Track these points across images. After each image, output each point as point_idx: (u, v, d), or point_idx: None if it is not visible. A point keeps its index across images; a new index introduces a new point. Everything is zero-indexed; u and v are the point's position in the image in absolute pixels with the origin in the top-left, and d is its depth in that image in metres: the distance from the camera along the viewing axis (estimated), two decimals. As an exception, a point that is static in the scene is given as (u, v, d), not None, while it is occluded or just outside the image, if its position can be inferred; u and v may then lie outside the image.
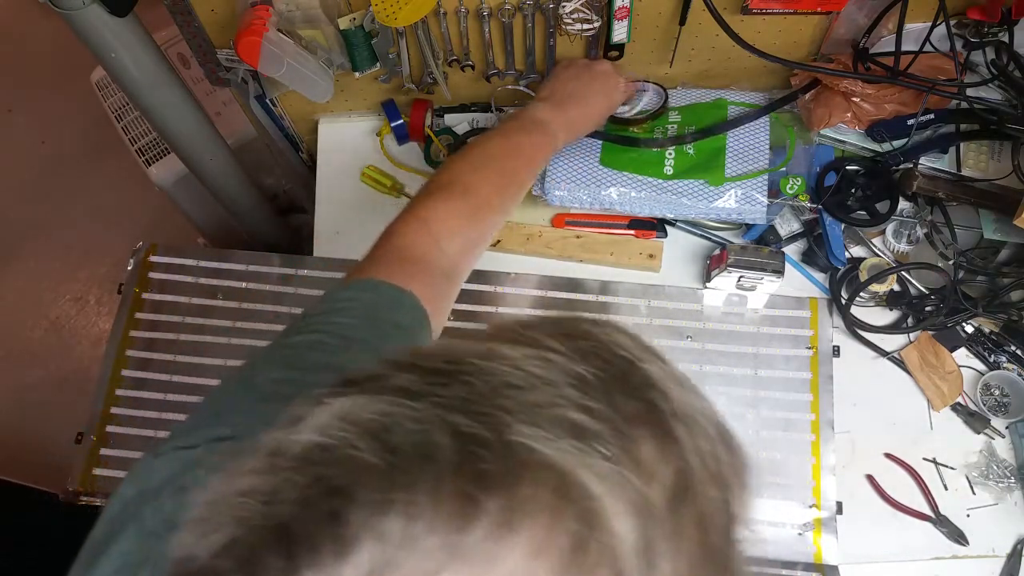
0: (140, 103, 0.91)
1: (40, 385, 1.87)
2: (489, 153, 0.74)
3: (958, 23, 0.88)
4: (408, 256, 0.61)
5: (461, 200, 0.67)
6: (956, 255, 0.91)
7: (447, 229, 0.65)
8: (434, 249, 0.63)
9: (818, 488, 0.86)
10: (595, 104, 0.87)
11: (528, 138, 0.77)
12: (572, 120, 0.83)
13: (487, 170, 0.72)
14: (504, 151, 0.74)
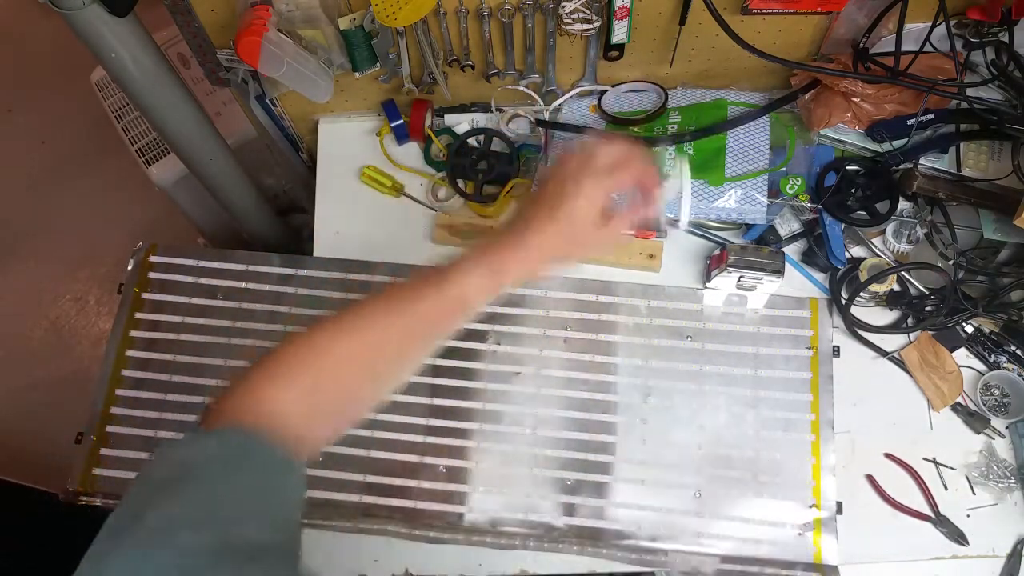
0: (140, 103, 0.91)
1: (40, 385, 1.87)
2: (365, 340, 0.55)
3: (958, 23, 0.88)
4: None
5: (310, 396, 0.51)
6: (956, 255, 0.91)
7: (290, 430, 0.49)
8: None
9: (818, 488, 0.86)
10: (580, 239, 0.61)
11: (428, 321, 0.57)
12: (526, 271, 0.60)
13: (353, 364, 0.54)
14: (386, 338, 0.55)
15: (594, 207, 0.60)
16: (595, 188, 0.60)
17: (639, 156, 0.62)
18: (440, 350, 0.60)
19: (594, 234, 0.61)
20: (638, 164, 0.61)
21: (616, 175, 0.61)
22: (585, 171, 0.60)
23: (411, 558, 0.87)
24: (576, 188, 0.59)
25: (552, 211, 0.59)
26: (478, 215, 1.02)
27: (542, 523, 0.86)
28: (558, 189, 0.60)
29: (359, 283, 0.97)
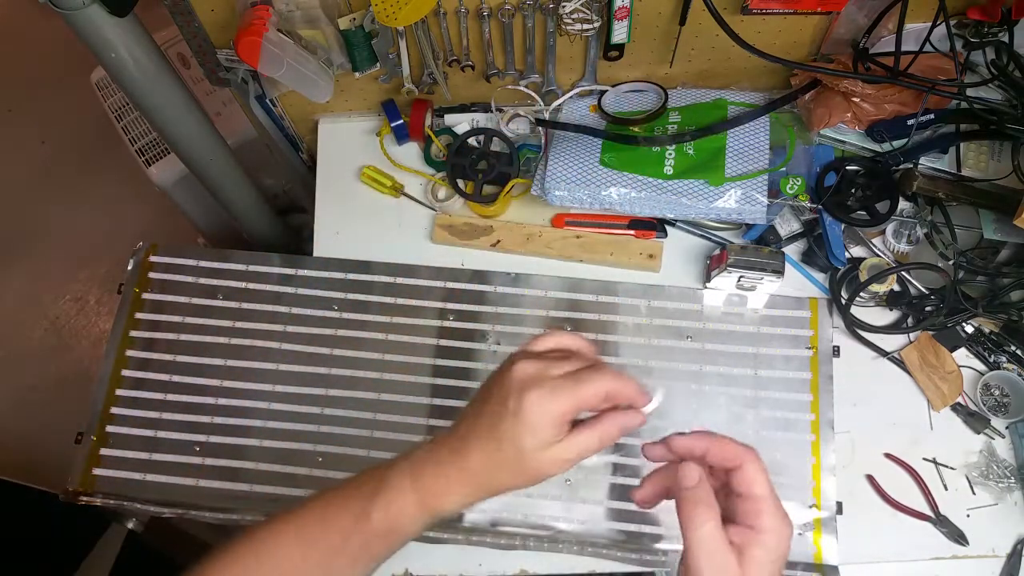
0: (140, 103, 0.91)
1: (40, 385, 1.87)
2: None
3: (958, 23, 0.88)
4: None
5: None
6: (956, 255, 0.91)
7: None
8: None
9: (818, 488, 0.86)
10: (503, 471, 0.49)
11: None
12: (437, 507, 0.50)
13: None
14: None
15: (544, 429, 0.47)
16: (545, 406, 0.47)
17: (604, 368, 0.50)
18: (439, 350, 0.59)
19: (546, 459, 0.48)
20: (607, 375, 0.49)
21: (579, 393, 0.47)
22: (533, 383, 0.48)
23: (411, 557, 0.87)
24: (519, 406, 0.47)
25: (492, 432, 0.48)
26: (478, 215, 1.02)
27: (542, 523, 0.86)
28: (500, 404, 0.48)
29: (359, 283, 0.97)
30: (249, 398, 0.93)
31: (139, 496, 0.90)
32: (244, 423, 0.92)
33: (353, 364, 0.94)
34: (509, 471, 0.48)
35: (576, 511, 0.87)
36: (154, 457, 0.91)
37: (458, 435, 0.50)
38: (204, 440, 0.92)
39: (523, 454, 0.47)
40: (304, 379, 0.94)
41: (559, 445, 0.48)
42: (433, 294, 0.96)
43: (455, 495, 0.49)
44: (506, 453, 0.48)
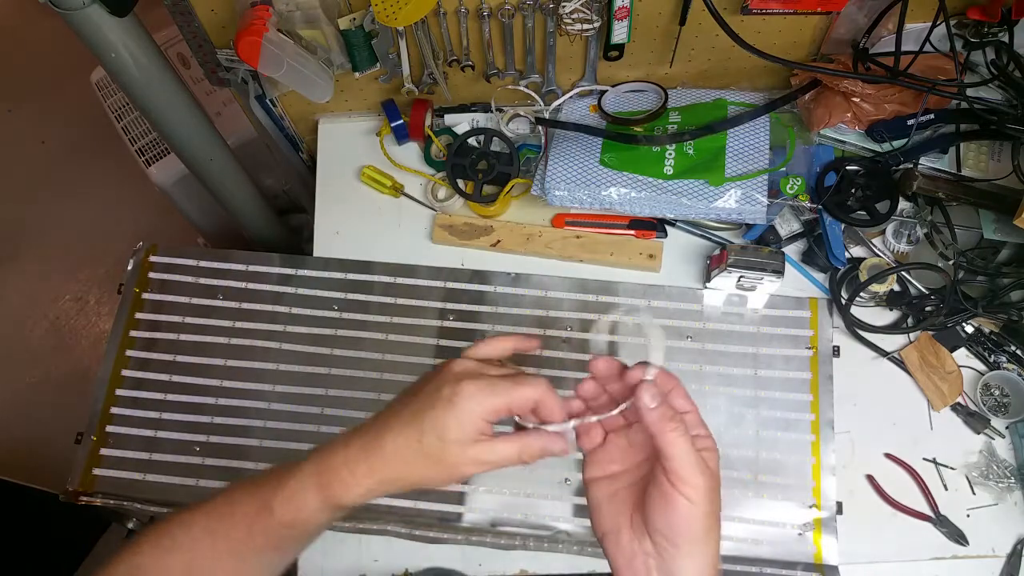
0: (140, 103, 0.91)
1: (40, 385, 1.87)
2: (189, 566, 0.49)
3: (958, 23, 0.88)
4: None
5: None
6: (956, 255, 0.91)
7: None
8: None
9: (818, 488, 0.86)
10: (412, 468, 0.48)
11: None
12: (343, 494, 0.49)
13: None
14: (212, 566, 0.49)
15: (472, 423, 0.47)
16: (479, 399, 0.47)
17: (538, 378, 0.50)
18: (439, 350, 0.60)
19: (466, 456, 0.47)
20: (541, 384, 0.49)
21: (511, 393, 0.48)
22: (472, 377, 0.48)
23: (411, 558, 0.87)
24: (454, 393, 0.47)
25: (416, 419, 0.48)
26: (478, 215, 1.02)
27: (542, 523, 0.86)
28: (432, 393, 0.48)
29: (359, 283, 0.97)
30: (249, 398, 0.93)
31: (139, 496, 0.90)
32: (244, 423, 0.92)
33: (353, 364, 0.94)
34: (424, 463, 0.48)
35: (576, 511, 0.87)
36: (154, 457, 0.91)
37: (377, 424, 0.50)
38: (204, 440, 0.92)
39: (444, 445, 0.47)
40: (304, 379, 0.94)
41: (481, 445, 0.48)
42: (433, 294, 0.96)
43: (360, 487, 0.48)
44: (426, 442, 0.47)
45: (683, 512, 0.45)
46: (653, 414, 0.46)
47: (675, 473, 0.45)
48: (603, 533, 0.49)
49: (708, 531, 0.45)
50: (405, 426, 0.48)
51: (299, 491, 0.49)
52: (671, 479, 0.45)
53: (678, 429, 0.46)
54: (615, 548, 0.48)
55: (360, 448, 0.49)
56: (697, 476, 0.45)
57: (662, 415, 0.46)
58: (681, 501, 0.44)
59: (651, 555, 0.46)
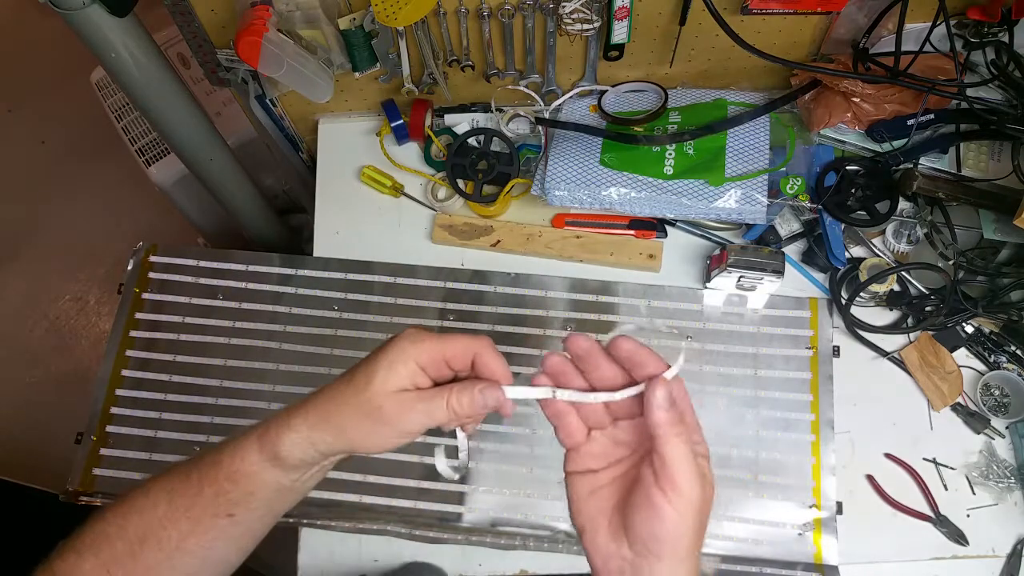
0: (140, 103, 0.91)
1: (40, 385, 1.87)
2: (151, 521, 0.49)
3: (958, 23, 0.88)
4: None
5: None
6: (956, 255, 0.91)
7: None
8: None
9: (818, 488, 0.86)
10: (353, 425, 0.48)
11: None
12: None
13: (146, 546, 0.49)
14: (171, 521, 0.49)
15: (400, 365, 0.46)
16: (408, 347, 0.47)
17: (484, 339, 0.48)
18: None
19: (392, 400, 0.46)
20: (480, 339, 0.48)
21: (446, 340, 0.47)
22: (409, 330, 0.48)
23: (411, 558, 0.87)
24: (386, 345, 0.48)
25: (352, 370, 0.48)
26: (478, 215, 1.02)
27: (542, 523, 0.86)
28: (375, 349, 0.48)
29: (359, 283, 0.97)
30: (249, 398, 0.93)
31: (139, 496, 0.90)
32: (244, 423, 0.92)
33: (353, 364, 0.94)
34: (353, 408, 0.47)
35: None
36: (154, 457, 0.91)
37: (318, 388, 0.49)
38: (204, 440, 0.92)
39: (370, 386, 0.46)
40: (304, 379, 0.94)
41: (409, 395, 0.46)
42: (433, 294, 0.96)
43: (293, 432, 0.47)
44: (354, 384, 0.47)
45: (669, 524, 0.42)
46: (663, 415, 0.43)
47: (669, 480, 0.42)
48: (580, 527, 0.47)
49: (692, 548, 0.43)
50: (340, 378, 0.48)
51: (243, 439, 0.49)
52: (662, 486, 0.42)
53: (683, 435, 0.43)
54: (591, 546, 0.46)
55: (299, 404, 0.49)
56: (693, 487, 0.42)
57: (670, 418, 0.43)
58: (669, 512, 0.42)
59: (627, 560, 0.44)
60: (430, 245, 1.01)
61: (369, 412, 0.46)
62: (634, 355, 0.46)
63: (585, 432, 0.49)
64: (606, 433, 0.49)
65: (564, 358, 0.48)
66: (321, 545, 0.88)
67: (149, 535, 0.49)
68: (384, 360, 0.47)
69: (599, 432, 0.49)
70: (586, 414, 0.49)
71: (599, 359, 0.47)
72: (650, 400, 0.44)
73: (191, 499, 0.49)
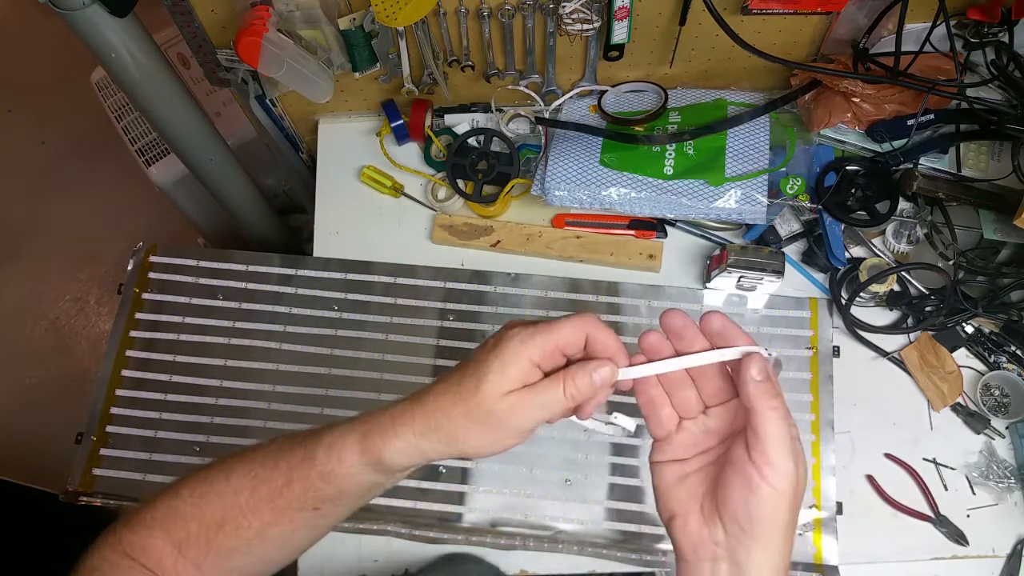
0: (140, 103, 0.91)
1: (40, 385, 1.87)
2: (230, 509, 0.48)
3: (958, 23, 0.88)
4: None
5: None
6: (956, 255, 0.91)
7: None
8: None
9: (818, 488, 0.86)
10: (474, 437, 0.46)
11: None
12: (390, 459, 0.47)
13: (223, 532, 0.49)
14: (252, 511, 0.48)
15: (513, 365, 0.44)
16: (520, 346, 0.44)
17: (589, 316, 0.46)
18: (439, 350, 0.59)
19: (506, 403, 0.44)
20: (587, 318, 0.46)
21: (555, 329, 0.45)
22: (514, 328, 0.46)
23: (411, 558, 0.87)
24: (497, 343, 0.45)
25: (461, 369, 0.46)
26: (478, 215, 1.02)
27: (542, 523, 0.86)
28: (480, 350, 0.47)
29: (359, 283, 0.97)
30: (249, 398, 0.93)
31: (139, 496, 0.90)
32: (244, 423, 0.92)
33: (353, 364, 0.94)
34: (464, 411, 0.44)
35: (576, 511, 0.87)
36: (154, 457, 0.91)
37: (422, 390, 0.48)
38: (204, 440, 0.92)
39: (480, 391, 0.44)
40: (304, 379, 0.94)
41: (523, 392, 0.44)
42: (433, 294, 0.96)
43: (399, 439, 0.46)
44: (464, 388, 0.45)
45: (767, 500, 0.41)
46: (760, 387, 0.42)
47: (765, 456, 0.41)
48: (669, 517, 0.46)
49: (788, 525, 0.42)
50: (448, 377, 0.46)
51: (340, 439, 0.47)
52: (758, 463, 0.41)
53: (779, 409, 0.42)
54: (681, 534, 0.45)
55: (405, 402, 0.47)
56: (788, 462, 0.41)
57: (768, 390, 0.42)
58: (765, 489, 0.41)
59: (720, 544, 0.43)
60: (430, 245, 1.01)
61: (481, 418, 0.45)
62: (725, 330, 0.46)
63: (676, 421, 0.48)
64: (697, 422, 0.48)
65: (661, 335, 0.47)
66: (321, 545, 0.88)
67: (228, 521, 0.48)
68: (495, 362, 0.45)
69: (690, 421, 0.48)
70: (679, 402, 0.48)
71: (694, 335, 0.46)
72: (746, 372, 0.43)
73: (278, 490, 0.48)
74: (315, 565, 0.88)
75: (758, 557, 0.42)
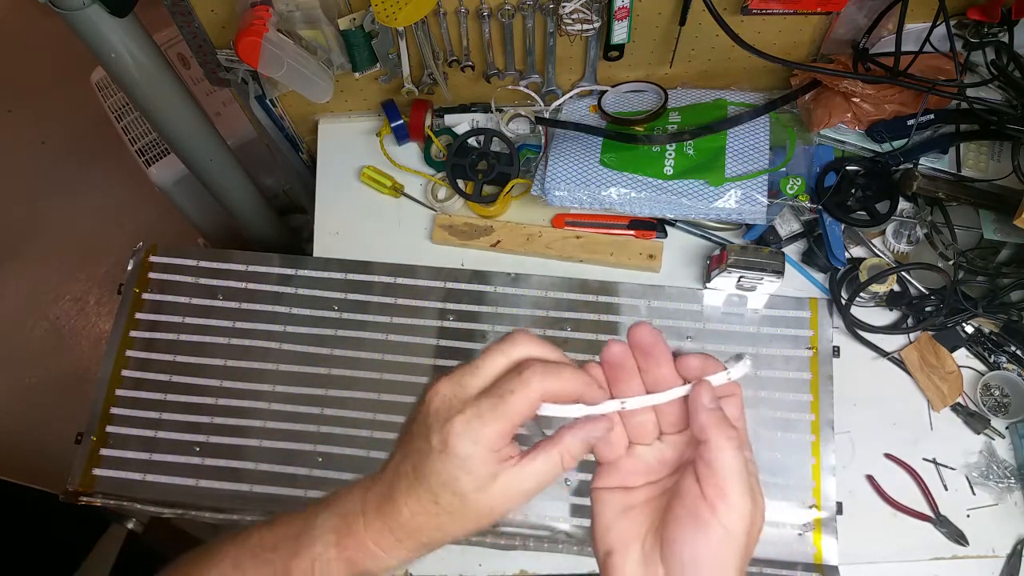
0: (140, 103, 0.91)
1: (40, 385, 1.87)
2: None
3: (958, 23, 0.88)
4: None
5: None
6: (956, 255, 0.91)
7: None
8: None
9: (818, 488, 0.86)
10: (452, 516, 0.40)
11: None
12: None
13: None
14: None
15: (480, 464, 0.38)
16: (472, 435, 0.38)
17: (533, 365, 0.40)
18: (439, 350, 0.58)
19: (498, 497, 0.39)
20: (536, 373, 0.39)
21: (508, 408, 0.38)
22: (453, 410, 0.39)
23: (412, 558, 0.87)
24: (445, 442, 0.38)
25: (420, 476, 0.39)
26: (478, 215, 1.02)
27: (542, 523, 0.86)
28: (423, 441, 0.40)
29: (359, 283, 0.97)
30: (249, 398, 0.93)
31: (139, 496, 0.90)
32: (244, 423, 0.92)
33: (353, 364, 0.94)
34: (453, 520, 0.40)
35: (576, 511, 0.86)
36: (154, 457, 0.91)
37: (385, 482, 0.41)
38: (204, 440, 0.92)
39: (465, 499, 0.39)
40: (304, 379, 0.94)
41: (510, 475, 0.39)
42: (433, 294, 0.96)
43: (392, 559, 0.41)
44: (443, 503, 0.39)
45: (716, 541, 0.37)
46: (711, 415, 0.39)
47: (718, 490, 0.38)
48: (607, 553, 0.41)
49: (738, 572, 0.38)
50: (414, 488, 0.40)
51: (321, 560, 0.41)
52: (709, 497, 0.38)
53: (734, 440, 0.39)
54: (619, 573, 0.40)
55: (377, 514, 0.41)
56: (744, 500, 0.37)
57: (721, 419, 0.39)
58: (716, 528, 0.37)
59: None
60: (430, 245, 1.01)
61: (471, 516, 0.40)
62: (689, 359, 0.42)
63: (626, 445, 0.43)
64: (652, 449, 0.43)
65: (625, 348, 0.42)
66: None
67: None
68: (458, 471, 0.38)
69: (643, 447, 0.44)
70: (634, 426, 0.43)
71: (662, 355, 0.41)
72: (695, 400, 0.40)
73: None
74: (315, 565, 0.88)
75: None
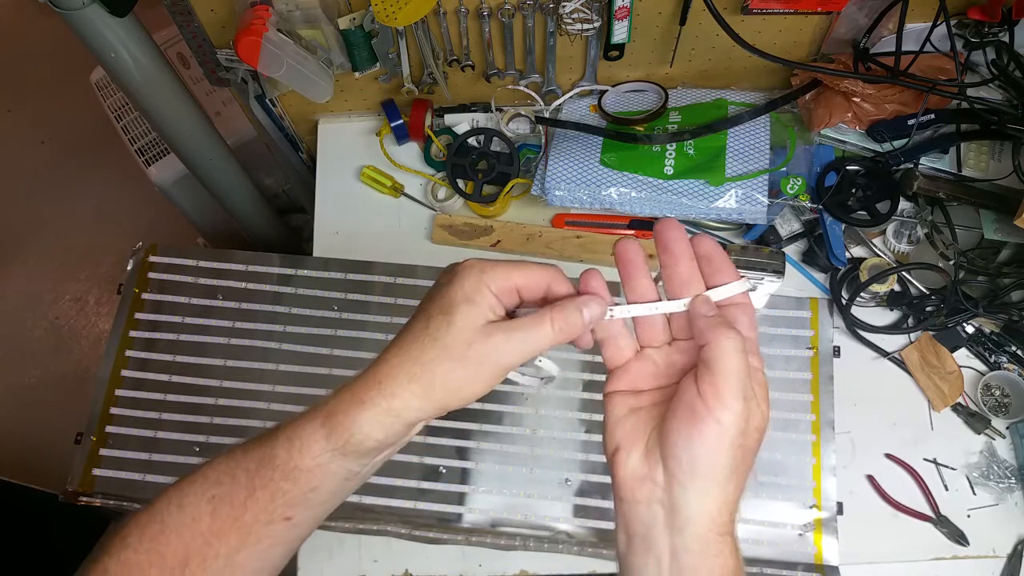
0: (140, 103, 0.91)
1: (40, 385, 1.87)
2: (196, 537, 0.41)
3: (958, 23, 0.88)
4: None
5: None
6: (957, 255, 0.91)
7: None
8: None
9: (818, 488, 0.86)
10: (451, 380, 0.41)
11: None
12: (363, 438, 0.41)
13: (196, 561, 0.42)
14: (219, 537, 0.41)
15: (480, 294, 0.41)
16: (482, 275, 0.41)
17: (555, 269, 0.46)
18: None
19: (490, 342, 0.40)
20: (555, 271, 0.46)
21: (515, 267, 0.43)
22: (473, 263, 0.42)
23: (411, 558, 0.87)
24: (455, 274, 0.42)
25: (422, 308, 0.42)
26: (478, 215, 1.02)
27: (542, 523, 0.86)
28: (435, 288, 0.42)
29: (359, 283, 0.97)
30: (249, 399, 0.93)
31: (139, 496, 0.90)
32: (244, 423, 0.92)
33: (353, 364, 0.94)
34: (436, 351, 0.40)
35: (577, 511, 0.86)
36: (154, 458, 0.91)
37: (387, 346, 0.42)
38: (204, 441, 0.92)
39: (453, 326, 0.40)
40: (304, 379, 0.94)
41: (504, 327, 0.41)
42: (433, 294, 0.96)
43: (367, 408, 0.40)
44: (433, 326, 0.40)
45: (710, 438, 0.38)
46: (710, 320, 0.40)
47: (713, 388, 0.38)
48: (613, 449, 0.43)
49: (732, 471, 0.39)
50: (409, 326, 0.41)
51: (299, 428, 0.41)
52: (706, 396, 0.38)
53: (734, 339, 0.39)
54: (623, 469, 0.42)
55: (364, 371, 0.41)
56: (737, 399, 0.38)
57: (720, 322, 0.40)
58: (710, 424, 0.38)
59: (659, 485, 0.40)
60: (430, 245, 1.01)
61: (459, 355, 0.40)
62: (713, 256, 0.43)
63: (635, 349, 0.45)
64: (660, 352, 0.45)
65: (638, 244, 0.44)
66: (320, 545, 0.88)
67: (192, 556, 0.41)
68: (459, 295, 0.41)
69: (653, 350, 0.45)
70: (643, 328, 0.45)
71: (682, 252, 0.44)
72: (694, 310, 0.41)
73: (240, 505, 0.41)
74: (315, 565, 0.88)
75: (695, 502, 0.39)
